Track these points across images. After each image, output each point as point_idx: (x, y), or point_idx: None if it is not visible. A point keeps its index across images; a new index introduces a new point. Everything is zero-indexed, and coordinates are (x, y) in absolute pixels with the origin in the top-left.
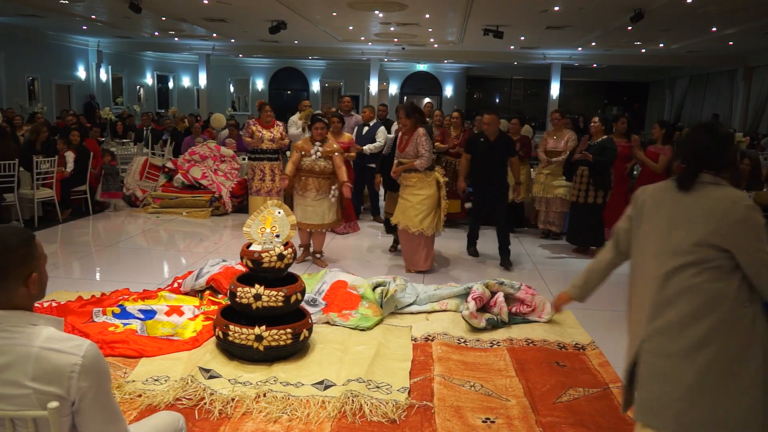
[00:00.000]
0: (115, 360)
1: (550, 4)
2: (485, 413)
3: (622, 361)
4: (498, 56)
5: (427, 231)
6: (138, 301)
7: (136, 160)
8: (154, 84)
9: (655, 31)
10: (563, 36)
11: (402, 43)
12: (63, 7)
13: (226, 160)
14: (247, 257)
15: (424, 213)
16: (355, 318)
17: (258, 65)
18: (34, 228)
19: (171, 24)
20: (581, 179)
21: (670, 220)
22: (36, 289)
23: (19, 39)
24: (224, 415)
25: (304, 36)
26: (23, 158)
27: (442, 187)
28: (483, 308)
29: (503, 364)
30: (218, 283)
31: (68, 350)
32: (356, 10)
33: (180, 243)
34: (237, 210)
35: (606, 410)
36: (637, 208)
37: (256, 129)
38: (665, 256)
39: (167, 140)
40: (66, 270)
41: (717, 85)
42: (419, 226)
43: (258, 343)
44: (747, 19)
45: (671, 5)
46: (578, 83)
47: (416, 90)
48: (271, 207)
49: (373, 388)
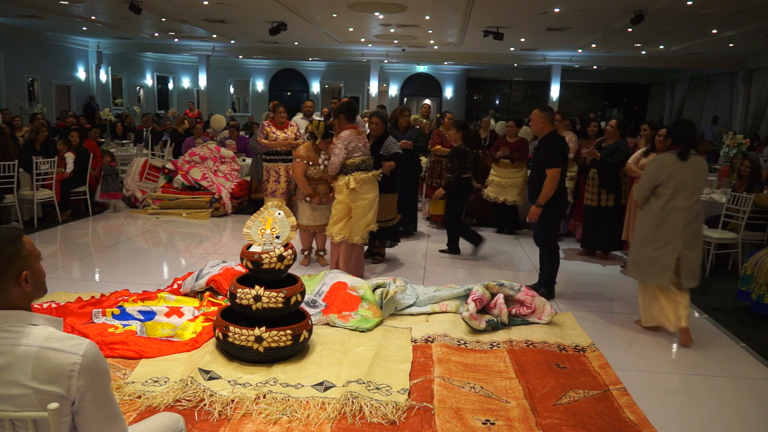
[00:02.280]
0: (115, 361)
1: (550, 6)
2: (485, 415)
3: (622, 363)
4: (498, 58)
5: (335, 237)
6: (138, 302)
7: (135, 161)
8: (154, 85)
9: (655, 33)
10: (563, 38)
11: (402, 45)
12: (63, 7)
13: (226, 161)
14: (247, 258)
15: (335, 218)
16: (355, 319)
17: (258, 66)
18: (34, 229)
19: (171, 25)
20: (593, 182)
21: (682, 178)
22: (30, 287)
23: (18, 40)
24: (224, 417)
25: (304, 37)
26: (23, 159)
27: (354, 192)
28: (483, 310)
29: (503, 366)
30: (218, 284)
31: (68, 349)
32: (356, 12)
33: (180, 244)
34: (237, 211)
35: (606, 412)
36: (660, 173)
37: (271, 130)
38: (686, 197)
39: (167, 141)
40: (65, 271)
41: (717, 86)
42: (329, 231)
43: (258, 345)
44: (747, 21)
45: (671, 7)
46: (578, 85)
47: (416, 91)
48: (271, 208)
49: (372, 389)
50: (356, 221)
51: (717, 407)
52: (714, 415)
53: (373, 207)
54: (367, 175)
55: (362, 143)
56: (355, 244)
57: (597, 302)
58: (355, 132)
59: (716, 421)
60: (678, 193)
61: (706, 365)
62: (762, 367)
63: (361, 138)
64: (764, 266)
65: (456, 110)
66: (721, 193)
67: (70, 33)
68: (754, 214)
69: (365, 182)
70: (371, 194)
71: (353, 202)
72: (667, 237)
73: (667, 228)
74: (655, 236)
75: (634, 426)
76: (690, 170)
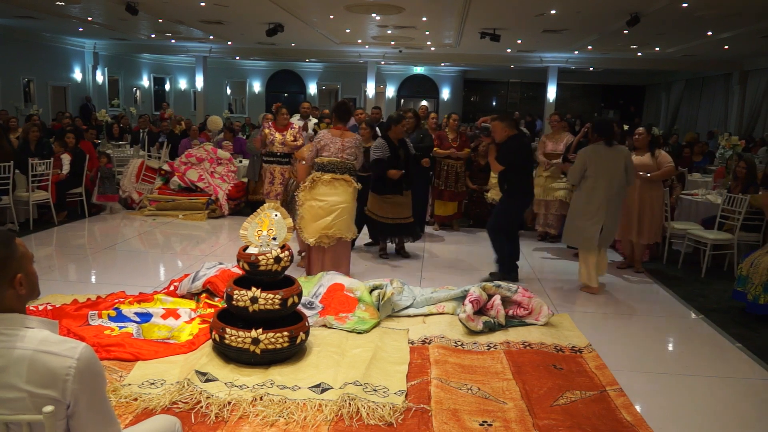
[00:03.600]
0: (111, 363)
1: (546, 8)
2: (482, 416)
3: (619, 364)
4: (495, 59)
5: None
6: (134, 304)
7: (132, 163)
8: (151, 86)
9: (651, 35)
10: (560, 39)
11: (399, 46)
12: (59, 8)
13: (223, 163)
14: (243, 260)
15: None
16: (352, 321)
17: (255, 68)
18: (30, 230)
19: (168, 26)
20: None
21: (607, 162)
22: (24, 289)
23: (14, 40)
24: (220, 419)
25: (301, 38)
26: (18, 160)
27: (308, 190)
28: (480, 311)
29: (500, 367)
30: (215, 285)
31: (63, 353)
32: (353, 13)
33: (176, 246)
34: (233, 213)
35: (603, 413)
36: (586, 160)
37: (269, 132)
38: (608, 178)
39: (164, 143)
40: (61, 273)
41: (712, 88)
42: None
43: (254, 347)
44: (742, 24)
45: (667, 9)
46: (575, 86)
47: (413, 93)
48: (267, 210)
49: (370, 391)
50: (308, 221)
51: (713, 408)
52: (710, 416)
53: (334, 213)
54: (327, 177)
55: (337, 145)
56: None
57: (594, 303)
58: (337, 132)
59: (713, 422)
60: (601, 176)
61: (703, 366)
62: (758, 368)
63: (339, 140)
64: (760, 267)
65: (453, 111)
66: (716, 194)
67: (66, 34)
68: (750, 215)
69: (324, 183)
70: (332, 198)
71: (306, 201)
72: (593, 211)
73: (593, 204)
74: (585, 210)
75: (631, 427)
76: (611, 156)
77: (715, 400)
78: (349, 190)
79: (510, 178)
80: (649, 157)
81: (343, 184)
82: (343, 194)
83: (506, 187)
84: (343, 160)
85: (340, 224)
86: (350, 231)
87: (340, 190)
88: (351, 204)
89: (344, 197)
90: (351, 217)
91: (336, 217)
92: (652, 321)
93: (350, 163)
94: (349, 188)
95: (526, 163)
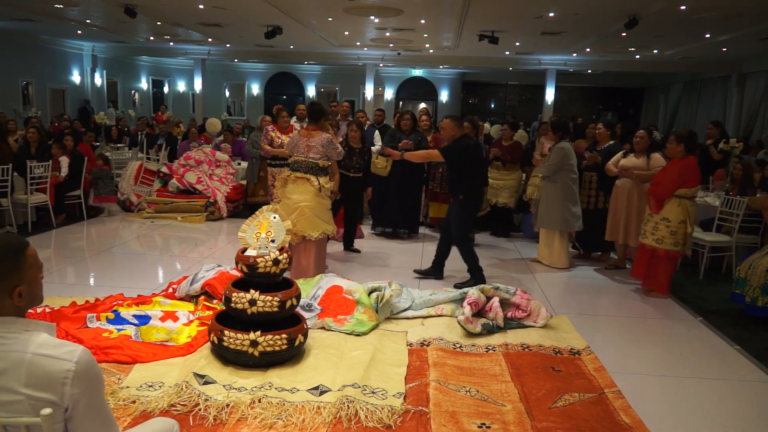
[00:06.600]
0: (109, 366)
1: (545, 10)
2: (481, 418)
3: (617, 366)
4: (493, 62)
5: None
6: (132, 306)
7: (130, 165)
8: (149, 89)
9: (649, 37)
10: (558, 42)
11: (397, 49)
12: (58, 11)
13: (221, 165)
14: (242, 262)
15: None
16: (351, 323)
17: (253, 70)
18: (28, 233)
19: (166, 29)
20: (590, 185)
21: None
22: (24, 301)
23: (13, 43)
24: (219, 421)
25: (299, 41)
26: (17, 163)
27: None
28: (478, 313)
29: (499, 369)
30: (213, 288)
31: (61, 356)
32: (352, 16)
33: (175, 248)
34: (232, 215)
35: (601, 415)
36: (568, 155)
37: (275, 135)
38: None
39: (162, 145)
40: (60, 275)
41: (711, 90)
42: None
43: (253, 349)
44: (740, 26)
45: (665, 12)
46: (573, 89)
47: (412, 95)
48: (266, 212)
49: (368, 393)
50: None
51: (712, 410)
52: (709, 418)
53: (296, 212)
54: (293, 176)
55: (303, 145)
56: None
57: (592, 305)
58: (305, 133)
59: (711, 424)
60: (574, 167)
61: (701, 368)
62: (756, 370)
63: (305, 140)
64: (758, 269)
65: (448, 114)
66: (714, 196)
67: (65, 36)
68: (748, 217)
69: (291, 182)
70: (294, 196)
71: (282, 199)
72: (576, 197)
73: (575, 192)
74: (575, 197)
75: (630, 429)
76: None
77: (714, 402)
78: (311, 189)
79: (454, 179)
80: (645, 160)
81: (305, 183)
82: (305, 193)
83: (461, 197)
84: (308, 159)
85: (302, 222)
86: (315, 230)
87: (302, 188)
88: (313, 203)
89: (305, 196)
90: (316, 216)
91: (298, 215)
92: (650, 323)
93: (314, 162)
94: (311, 187)
95: (470, 167)
